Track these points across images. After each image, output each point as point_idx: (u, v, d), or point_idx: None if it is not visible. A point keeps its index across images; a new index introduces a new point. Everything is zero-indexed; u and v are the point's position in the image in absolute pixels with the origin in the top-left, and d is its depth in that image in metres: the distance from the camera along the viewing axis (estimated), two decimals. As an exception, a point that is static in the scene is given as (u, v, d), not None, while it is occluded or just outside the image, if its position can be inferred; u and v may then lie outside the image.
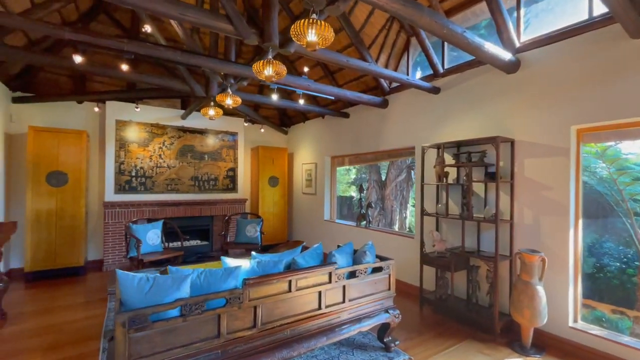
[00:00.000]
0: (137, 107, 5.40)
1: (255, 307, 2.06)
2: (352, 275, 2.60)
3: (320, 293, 2.37)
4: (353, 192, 9.72)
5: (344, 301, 2.51)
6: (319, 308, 2.37)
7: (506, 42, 3.23)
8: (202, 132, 6.23)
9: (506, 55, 3.09)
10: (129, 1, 2.14)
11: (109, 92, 5.15)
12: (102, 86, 5.40)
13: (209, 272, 1.98)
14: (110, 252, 5.19)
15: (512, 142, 3.27)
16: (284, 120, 7.53)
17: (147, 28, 3.41)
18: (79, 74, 5.13)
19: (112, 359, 1.64)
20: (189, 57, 3.13)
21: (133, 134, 5.52)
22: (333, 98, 4.55)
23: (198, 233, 6.27)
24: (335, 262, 2.46)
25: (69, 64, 3.25)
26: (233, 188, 6.57)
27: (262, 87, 6.43)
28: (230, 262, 2.27)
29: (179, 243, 5.80)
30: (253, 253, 2.57)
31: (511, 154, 3.28)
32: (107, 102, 5.32)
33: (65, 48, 4.73)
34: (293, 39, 1.96)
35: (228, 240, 5.38)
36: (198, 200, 6.03)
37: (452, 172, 3.85)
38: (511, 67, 3.23)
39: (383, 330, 2.81)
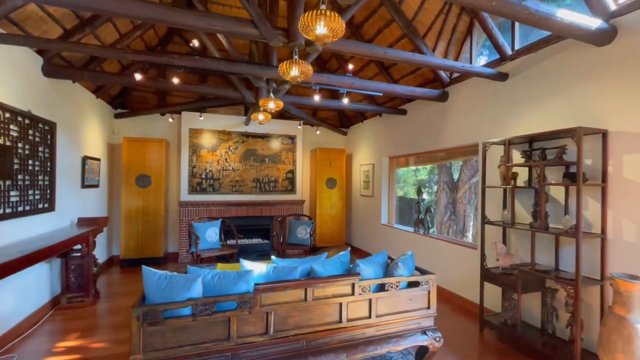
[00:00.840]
0: (200, 116, 5.99)
1: (267, 314, 2.01)
2: (382, 288, 2.35)
3: (341, 305, 2.20)
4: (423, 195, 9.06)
5: (370, 316, 2.28)
6: (340, 321, 2.20)
7: (595, 6, 2.53)
8: (263, 136, 6.56)
9: (593, 23, 2.42)
10: (164, 19, 2.32)
11: (183, 103, 5.81)
12: (179, 99, 6.13)
13: (222, 274, 2.01)
14: (184, 245, 5.84)
15: (605, 134, 2.54)
16: (343, 120, 7.43)
17: (195, 42, 3.73)
18: (162, 90, 5.92)
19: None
20: (231, 66, 3.29)
21: (203, 140, 6.13)
22: (381, 94, 4.28)
23: (259, 232, 6.62)
24: (359, 274, 2.25)
25: (136, 82, 3.77)
26: (292, 190, 6.75)
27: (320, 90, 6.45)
28: (247, 265, 2.28)
29: (243, 240, 6.21)
30: (272, 257, 2.54)
31: (603, 149, 2.55)
32: (183, 113, 6.02)
33: (151, 69, 5.52)
34: (301, 33, 1.85)
35: (282, 240, 5.52)
36: (259, 201, 6.36)
37: (522, 173, 3.20)
38: (602, 38, 2.51)
39: (421, 354, 2.47)
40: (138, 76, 3.40)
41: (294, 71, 2.52)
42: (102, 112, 5.36)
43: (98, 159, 5.07)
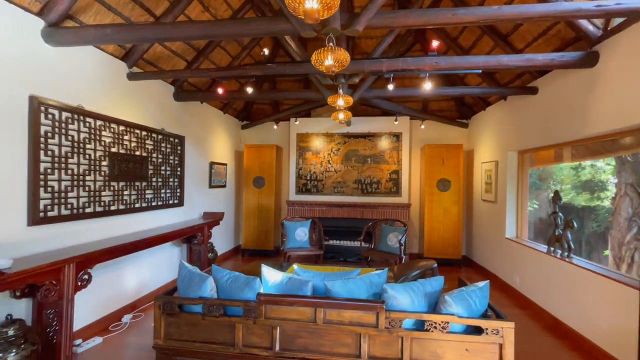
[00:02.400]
0: (296, 121, 6.34)
1: (272, 328, 1.86)
2: (423, 326, 1.78)
3: (360, 337, 1.79)
4: (596, 200, 6.56)
5: (402, 359, 1.76)
6: (359, 356, 1.79)
7: None
8: (365, 135, 6.33)
9: None
10: (208, 33, 2.53)
11: (287, 109, 6.29)
12: (288, 106, 6.68)
13: (234, 278, 1.99)
14: (291, 242, 6.31)
15: None
16: (463, 110, 6.26)
17: (265, 51, 3.91)
18: (274, 101, 6.62)
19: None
20: (296, 67, 3.28)
21: (308, 143, 6.45)
22: (479, 71, 3.29)
23: (359, 235, 6.40)
24: (384, 301, 1.77)
25: (243, 95, 4.30)
26: (396, 192, 6.21)
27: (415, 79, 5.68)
28: (266, 271, 2.15)
29: (339, 242, 6.18)
30: (295, 267, 2.31)
31: None
32: (291, 119, 6.53)
33: (265, 83, 6.26)
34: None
35: (372, 246, 5.14)
36: (360, 203, 6.16)
37: None
38: None
39: None
40: (250, 89, 3.91)
41: (329, 60, 2.25)
42: (230, 124, 6.45)
43: (224, 164, 6.13)
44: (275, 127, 6.76)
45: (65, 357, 2.44)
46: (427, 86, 3.62)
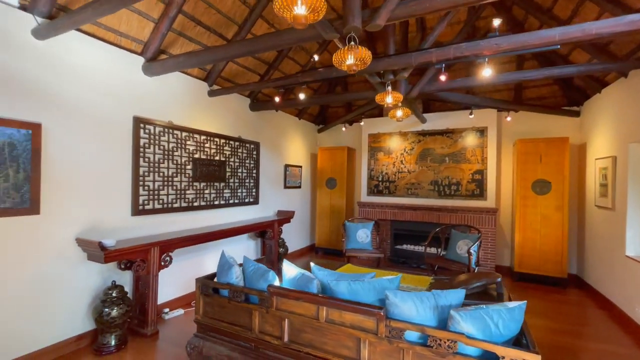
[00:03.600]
0: (361, 122, 6.26)
1: (281, 319, 1.97)
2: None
3: (360, 341, 1.73)
4: None
5: (403, 373, 1.62)
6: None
7: None
8: (442, 132, 5.81)
9: None
10: (247, 50, 2.82)
11: (360, 108, 6.29)
12: (359, 107, 6.68)
13: (257, 268, 2.18)
14: (362, 243, 6.28)
15: None
16: (571, 95, 5.10)
17: (315, 57, 3.99)
18: (347, 103, 6.72)
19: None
20: (340, 70, 3.32)
21: (380, 143, 6.32)
22: (558, 47, 2.60)
23: (436, 240, 5.88)
24: (382, 308, 1.66)
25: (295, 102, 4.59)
26: (480, 194, 5.48)
27: (501, 64, 4.86)
28: (285, 266, 2.24)
29: (410, 247, 5.85)
30: (312, 264, 2.31)
31: None
32: (364, 120, 6.51)
33: (337, 86, 6.46)
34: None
35: (440, 253, 4.65)
36: (436, 206, 5.68)
37: None
38: None
39: None
40: (302, 95, 4.20)
41: (350, 59, 2.24)
42: (306, 129, 6.86)
43: (299, 166, 6.55)
44: (343, 129, 6.87)
45: (151, 319, 3.10)
46: (486, 73, 3.12)
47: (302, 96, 4.25)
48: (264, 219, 5.07)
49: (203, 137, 4.20)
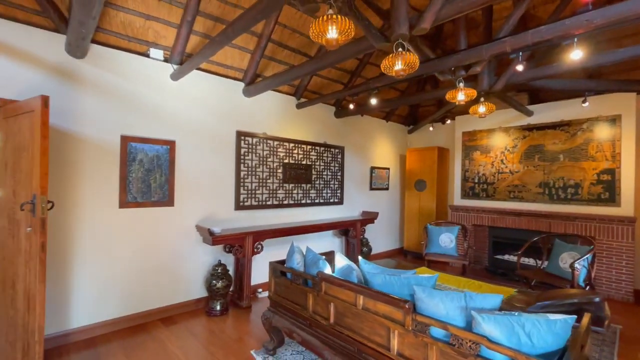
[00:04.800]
0: (447, 121, 5.88)
1: (328, 303, 2.23)
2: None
3: (390, 330, 1.84)
4: None
5: (428, 367, 1.66)
6: (388, 349, 1.84)
7: None
8: (555, 126, 4.94)
9: None
10: (316, 67, 3.18)
11: (449, 104, 5.93)
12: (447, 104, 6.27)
13: (314, 256, 2.50)
14: (454, 249, 5.87)
15: None
16: None
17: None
18: (438, 100, 6.42)
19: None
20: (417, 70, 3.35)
21: (476, 142, 5.80)
22: None
23: (537, 251, 4.99)
24: (409, 301, 1.73)
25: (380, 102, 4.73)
26: (610, 199, 4.42)
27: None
28: (338, 257, 2.44)
29: (526, 258, 5.18)
30: (360, 257, 2.40)
31: None
32: (457, 117, 6.10)
33: (427, 84, 6.27)
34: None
35: (539, 266, 3.94)
36: (547, 212, 4.86)
37: None
38: None
39: None
40: (373, 101, 4.38)
41: (398, 65, 2.34)
42: (394, 131, 6.87)
43: (386, 168, 6.62)
44: (430, 128, 6.57)
45: (246, 294, 3.82)
46: (576, 55, 2.59)
47: (373, 101, 4.39)
48: (347, 218, 5.39)
49: (292, 145, 4.82)
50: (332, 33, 1.87)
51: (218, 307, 3.61)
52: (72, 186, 2.98)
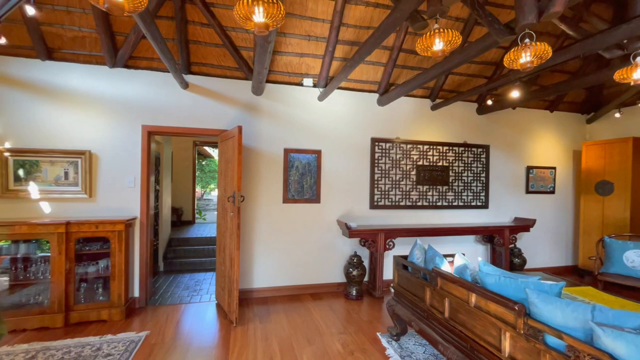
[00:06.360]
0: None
1: (442, 298, 2.33)
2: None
3: (500, 331, 1.80)
4: None
5: (542, 376, 1.57)
6: (499, 350, 1.80)
7: None
8: None
9: None
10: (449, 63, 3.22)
11: None
12: None
13: (433, 253, 2.62)
14: None
15: None
16: None
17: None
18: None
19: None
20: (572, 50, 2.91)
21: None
22: None
23: None
24: (519, 303, 1.65)
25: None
26: None
27: None
28: (457, 257, 2.38)
29: None
30: (479, 259, 2.21)
31: None
32: (668, 97, 4.49)
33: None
34: None
35: None
36: None
37: None
38: None
39: None
40: (516, 93, 3.86)
41: (524, 58, 2.20)
42: (563, 122, 5.67)
43: (551, 168, 5.54)
44: (617, 114, 4.98)
45: (378, 286, 4.21)
46: None
47: (515, 94, 3.87)
48: (492, 224, 4.91)
49: (426, 147, 4.88)
50: (439, 46, 2.02)
51: (354, 292, 4.15)
52: (254, 186, 4.21)
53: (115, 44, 3.65)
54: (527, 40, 2.20)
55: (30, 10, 2.16)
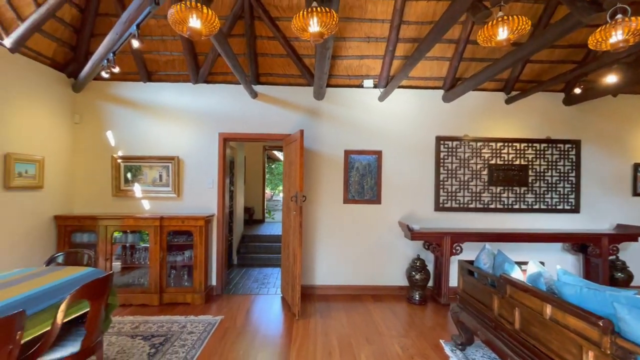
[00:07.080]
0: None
1: (513, 307, 2.13)
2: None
3: (582, 349, 1.58)
4: None
5: (634, 406, 1.34)
6: (581, 371, 1.58)
7: None
8: None
9: None
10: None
11: None
12: None
13: (503, 259, 2.41)
14: None
15: None
16: None
17: None
18: None
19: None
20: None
21: None
22: None
23: None
24: (604, 319, 1.43)
25: None
26: None
27: None
28: (531, 263, 2.09)
29: None
30: (558, 267, 1.89)
31: None
32: None
33: None
34: None
35: None
36: None
37: None
38: None
39: None
40: (613, 77, 3.28)
41: (616, 36, 1.90)
42: (685, 109, 4.63)
43: (669, 165, 4.55)
44: None
45: (444, 292, 3.99)
46: None
47: (612, 79, 3.28)
48: (585, 231, 4.24)
49: (499, 144, 4.47)
50: (503, 35, 1.88)
51: (417, 297, 4.01)
52: (315, 187, 4.38)
53: (197, 63, 4.20)
54: (618, 15, 1.90)
55: (136, 43, 2.64)
